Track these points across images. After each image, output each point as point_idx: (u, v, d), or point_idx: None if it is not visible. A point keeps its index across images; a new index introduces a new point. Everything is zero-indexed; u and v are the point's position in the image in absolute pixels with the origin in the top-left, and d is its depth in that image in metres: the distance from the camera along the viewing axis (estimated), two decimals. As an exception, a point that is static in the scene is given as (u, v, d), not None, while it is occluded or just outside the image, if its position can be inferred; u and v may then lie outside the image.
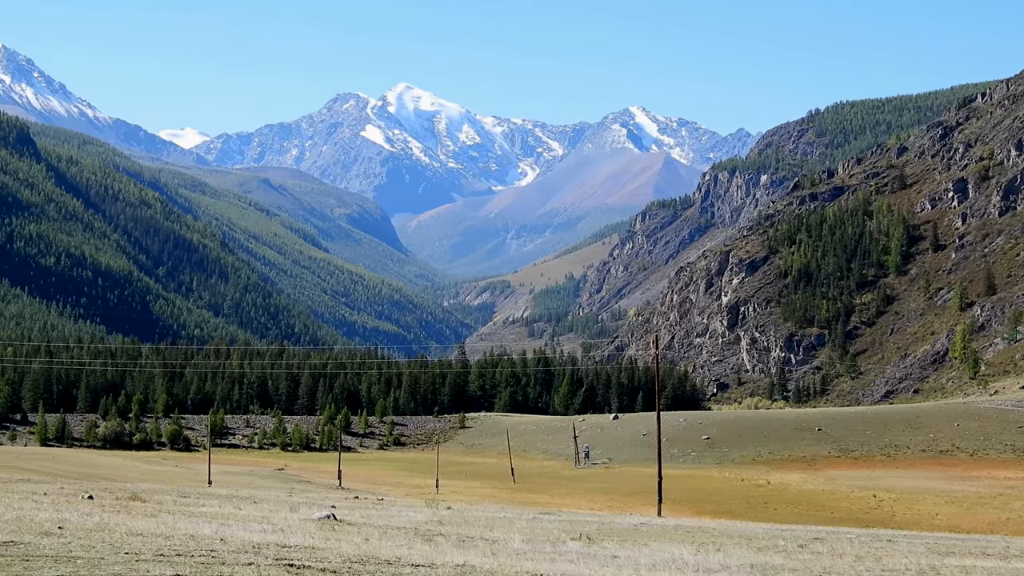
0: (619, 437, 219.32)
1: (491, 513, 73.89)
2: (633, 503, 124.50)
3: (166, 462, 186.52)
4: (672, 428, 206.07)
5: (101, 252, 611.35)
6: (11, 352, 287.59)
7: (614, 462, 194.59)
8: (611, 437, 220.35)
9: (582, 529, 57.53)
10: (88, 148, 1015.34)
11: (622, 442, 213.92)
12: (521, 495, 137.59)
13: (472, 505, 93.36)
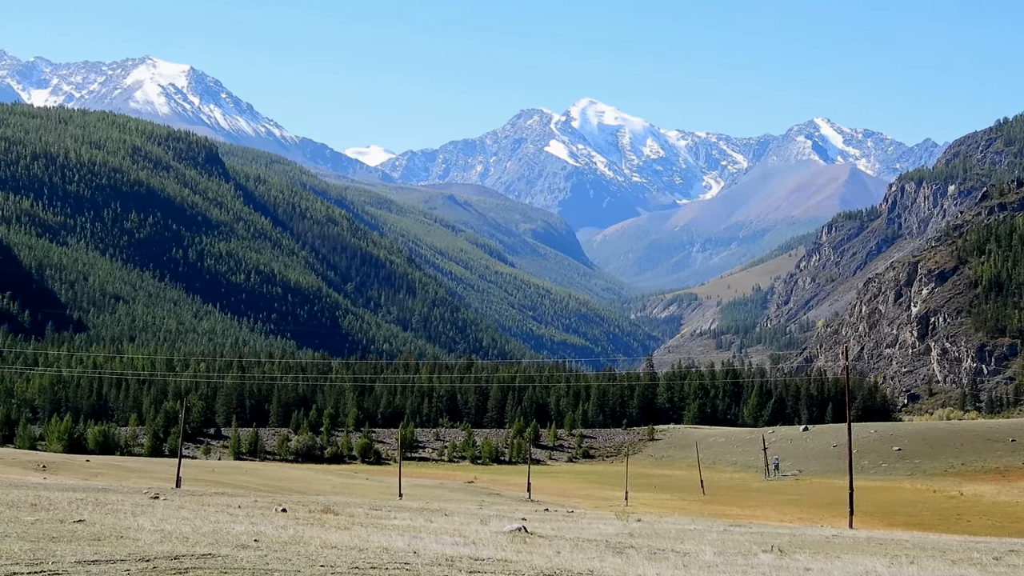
0: (809, 449, 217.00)
1: (681, 525, 73.35)
2: (824, 515, 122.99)
3: (357, 475, 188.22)
4: (862, 439, 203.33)
5: (290, 269, 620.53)
6: (204, 367, 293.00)
7: (804, 474, 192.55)
8: (801, 449, 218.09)
9: (773, 541, 56.81)
10: (275, 167, 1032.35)
11: (812, 454, 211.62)
12: (711, 507, 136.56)
13: (662, 517, 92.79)
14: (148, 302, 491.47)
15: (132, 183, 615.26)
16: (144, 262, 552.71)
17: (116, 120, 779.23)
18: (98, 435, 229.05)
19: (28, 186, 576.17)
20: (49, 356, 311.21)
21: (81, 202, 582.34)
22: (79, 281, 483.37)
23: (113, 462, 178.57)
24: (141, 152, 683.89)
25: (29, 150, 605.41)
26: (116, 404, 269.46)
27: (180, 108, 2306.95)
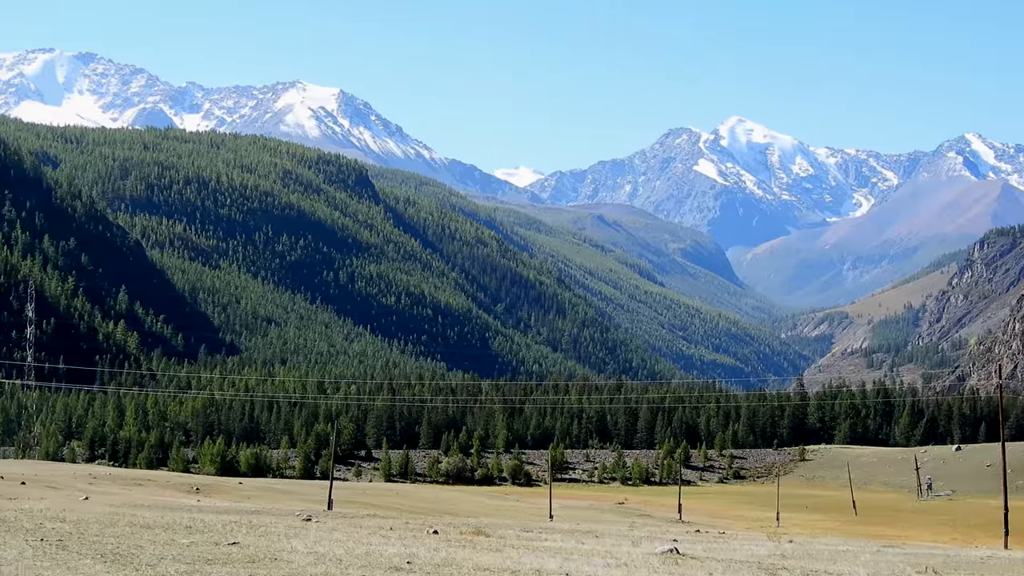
0: (962, 468, 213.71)
1: (834, 546, 72.34)
2: (978, 535, 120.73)
3: (507, 497, 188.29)
4: (1017, 459, 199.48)
5: (440, 290, 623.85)
6: (355, 390, 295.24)
7: (957, 494, 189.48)
8: (953, 468, 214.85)
9: (928, 562, 55.76)
10: (425, 189, 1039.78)
11: (965, 473, 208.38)
12: (863, 528, 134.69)
13: (814, 538, 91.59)
14: (299, 324, 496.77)
15: (283, 206, 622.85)
16: (295, 285, 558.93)
17: (267, 144, 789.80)
18: (250, 457, 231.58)
19: (181, 210, 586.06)
20: (202, 379, 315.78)
21: (233, 226, 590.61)
22: (231, 304, 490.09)
23: (265, 484, 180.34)
24: (292, 175, 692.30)
25: (182, 174, 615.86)
26: (268, 427, 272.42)
27: (330, 131, 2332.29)
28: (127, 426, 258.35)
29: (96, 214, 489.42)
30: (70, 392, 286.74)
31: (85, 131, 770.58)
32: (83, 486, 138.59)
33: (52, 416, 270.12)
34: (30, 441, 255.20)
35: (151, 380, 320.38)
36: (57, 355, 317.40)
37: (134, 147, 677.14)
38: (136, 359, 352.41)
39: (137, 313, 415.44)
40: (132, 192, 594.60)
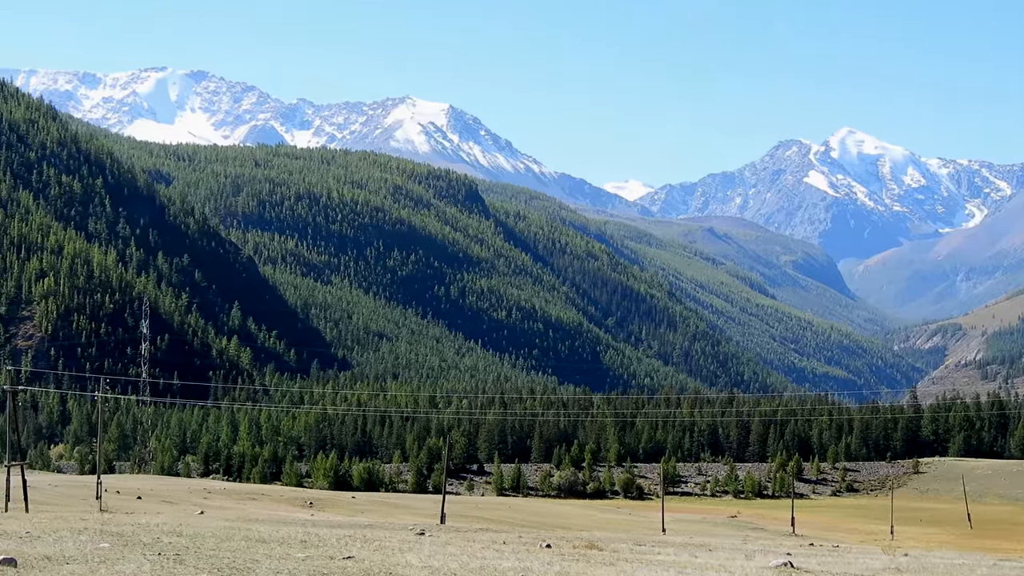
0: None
1: (949, 560, 71.58)
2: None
3: (619, 510, 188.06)
4: None
5: (550, 304, 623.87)
6: (467, 404, 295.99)
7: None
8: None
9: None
10: (534, 203, 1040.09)
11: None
12: (978, 541, 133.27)
13: (929, 552, 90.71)
14: (411, 339, 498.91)
15: (394, 221, 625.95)
16: (407, 300, 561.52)
17: (377, 160, 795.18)
18: (363, 472, 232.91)
19: (293, 226, 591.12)
20: (314, 394, 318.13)
21: (344, 241, 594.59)
22: (343, 319, 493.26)
23: (378, 498, 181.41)
24: (402, 191, 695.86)
25: (293, 191, 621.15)
26: (380, 441, 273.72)
27: (440, 146, 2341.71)
28: (241, 441, 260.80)
29: (209, 231, 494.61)
30: (184, 408, 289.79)
31: (197, 149, 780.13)
32: (198, 500, 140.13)
33: (167, 431, 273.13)
34: (146, 456, 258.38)
35: (264, 395, 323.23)
36: (171, 371, 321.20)
37: (246, 164, 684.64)
38: (249, 374, 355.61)
39: (250, 329, 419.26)
40: (244, 208, 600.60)
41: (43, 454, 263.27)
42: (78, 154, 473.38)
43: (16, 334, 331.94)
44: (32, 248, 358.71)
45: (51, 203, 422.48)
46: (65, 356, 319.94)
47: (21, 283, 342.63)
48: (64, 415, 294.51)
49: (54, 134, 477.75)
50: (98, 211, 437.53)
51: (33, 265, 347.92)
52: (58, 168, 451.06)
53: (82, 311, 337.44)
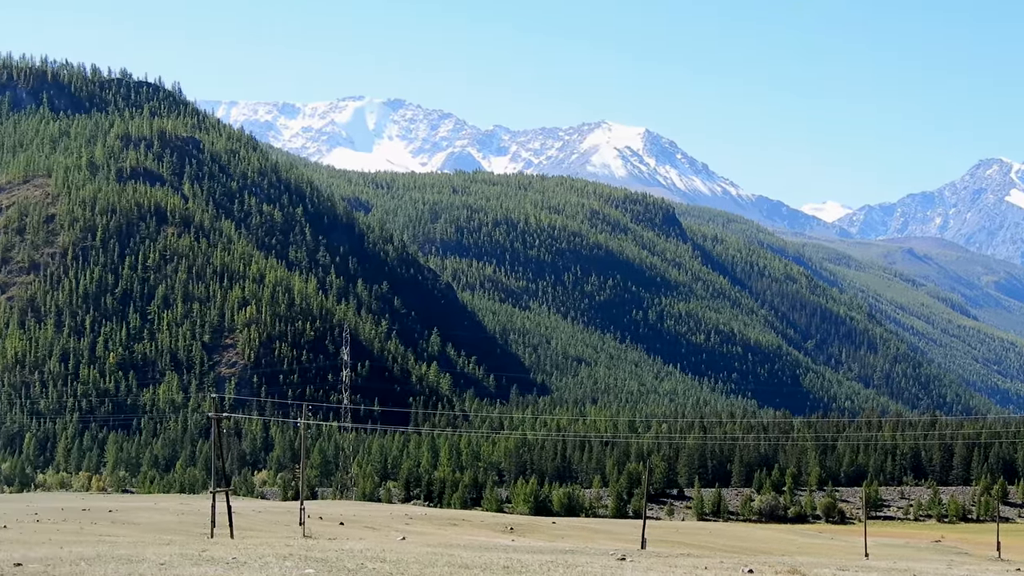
0: None
1: None
2: None
3: (821, 535, 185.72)
4: None
5: (749, 327, 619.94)
6: (666, 428, 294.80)
7: None
8: None
9: None
10: (732, 226, 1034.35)
11: None
12: None
13: None
14: (609, 364, 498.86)
15: (591, 246, 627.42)
16: (605, 324, 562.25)
17: (574, 184, 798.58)
18: (563, 497, 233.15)
19: (491, 252, 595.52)
20: (514, 419, 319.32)
21: (542, 266, 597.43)
22: (542, 345, 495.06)
23: (578, 523, 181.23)
24: (599, 215, 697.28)
25: (491, 217, 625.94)
26: (580, 466, 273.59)
27: (636, 171, 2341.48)
28: (441, 467, 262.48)
29: (407, 258, 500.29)
30: (385, 434, 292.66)
31: (395, 176, 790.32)
32: (400, 526, 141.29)
33: (368, 457, 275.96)
34: (347, 482, 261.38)
35: (464, 421, 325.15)
36: (372, 397, 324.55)
37: (443, 191, 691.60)
38: (449, 400, 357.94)
39: (449, 355, 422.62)
40: (442, 235, 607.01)
41: (247, 480, 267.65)
42: (278, 183, 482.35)
43: (220, 362, 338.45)
44: (234, 277, 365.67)
45: (253, 232, 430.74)
46: (268, 383, 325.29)
47: (224, 312, 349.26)
48: (267, 442, 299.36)
49: (255, 164, 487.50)
50: (298, 239, 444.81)
51: (235, 294, 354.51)
52: (259, 197, 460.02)
53: (284, 339, 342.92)
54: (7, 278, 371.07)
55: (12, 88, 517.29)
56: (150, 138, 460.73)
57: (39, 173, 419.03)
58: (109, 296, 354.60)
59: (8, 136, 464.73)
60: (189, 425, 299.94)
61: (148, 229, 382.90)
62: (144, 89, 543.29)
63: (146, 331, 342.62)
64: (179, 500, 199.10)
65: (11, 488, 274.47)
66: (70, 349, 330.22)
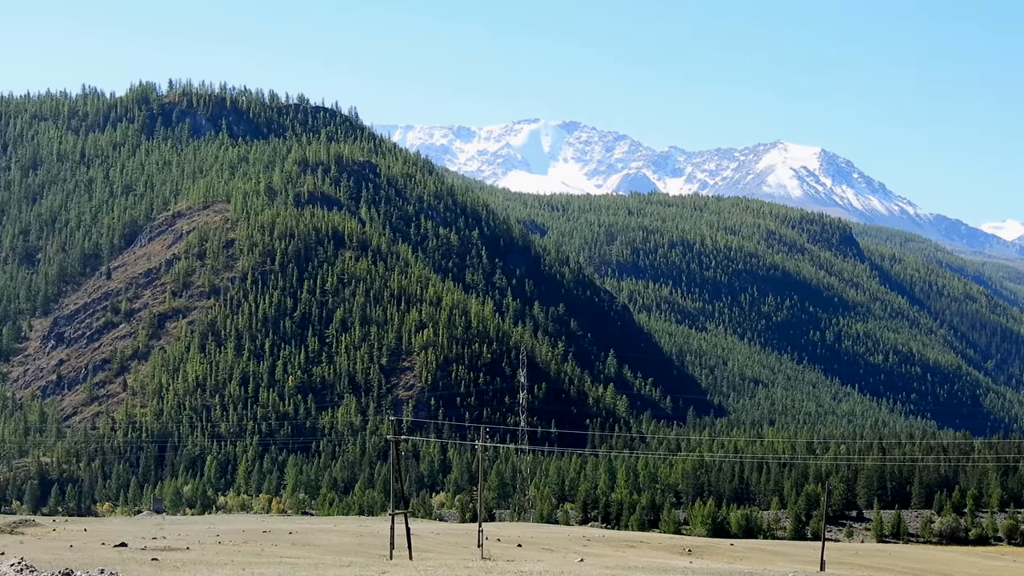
0: None
1: None
2: None
3: (1003, 557, 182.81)
4: None
5: (928, 348, 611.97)
6: (844, 449, 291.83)
7: None
8: None
9: None
10: (909, 245, 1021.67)
11: None
12: None
13: None
14: (786, 385, 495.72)
15: (767, 267, 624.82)
16: (781, 345, 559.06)
17: (750, 205, 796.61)
18: (740, 519, 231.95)
19: (666, 274, 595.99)
20: (691, 441, 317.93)
21: (718, 288, 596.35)
22: (718, 366, 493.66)
23: (756, 545, 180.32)
24: (775, 236, 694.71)
25: (666, 238, 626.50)
26: (757, 487, 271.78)
27: (812, 191, 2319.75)
28: (618, 488, 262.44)
29: (583, 279, 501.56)
30: (562, 455, 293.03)
31: (571, 198, 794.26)
32: (578, 548, 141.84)
33: (545, 479, 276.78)
34: (525, 504, 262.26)
35: (641, 443, 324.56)
36: (549, 419, 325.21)
37: (619, 212, 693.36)
38: (626, 422, 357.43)
39: (625, 376, 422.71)
40: (618, 257, 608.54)
41: (425, 502, 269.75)
42: (454, 206, 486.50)
43: (397, 384, 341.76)
44: (412, 300, 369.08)
45: (429, 255, 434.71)
46: (445, 405, 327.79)
47: (401, 335, 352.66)
48: (445, 464, 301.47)
49: (431, 188, 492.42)
50: (475, 262, 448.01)
51: (413, 317, 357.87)
52: (435, 221, 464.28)
53: (461, 361, 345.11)
54: (188, 303, 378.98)
55: (192, 115, 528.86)
56: (327, 163, 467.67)
57: (218, 199, 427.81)
58: (288, 320, 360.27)
59: (188, 162, 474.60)
60: (367, 447, 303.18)
61: (326, 253, 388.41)
62: (321, 114, 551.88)
63: (324, 354, 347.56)
64: (358, 522, 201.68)
65: (193, 510, 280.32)
66: (250, 372, 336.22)
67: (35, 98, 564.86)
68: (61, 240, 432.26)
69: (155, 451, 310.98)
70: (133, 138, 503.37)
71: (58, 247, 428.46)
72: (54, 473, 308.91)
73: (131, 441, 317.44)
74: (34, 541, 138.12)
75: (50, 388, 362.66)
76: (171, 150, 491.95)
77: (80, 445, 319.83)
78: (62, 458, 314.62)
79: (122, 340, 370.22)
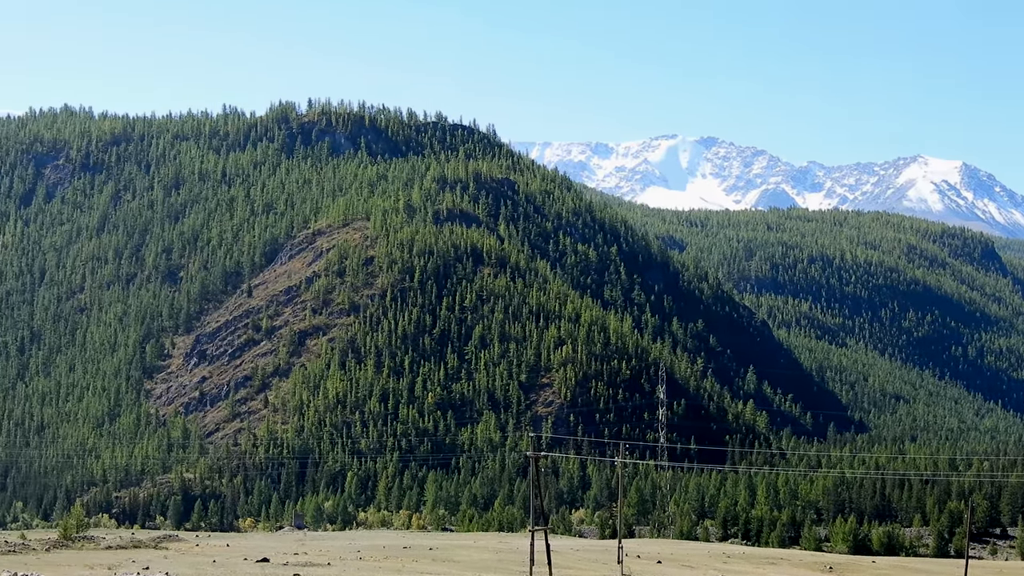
0: None
1: None
2: None
3: None
4: None
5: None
6: (987, 466, 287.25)
7: None
8: None
9: None
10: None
11: None
12: None
13: None
14: (928, 401, 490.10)
15: (908, 282, 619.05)
16: (923, 361, 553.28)
17: (890, 220, 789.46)
18: (882, 536, 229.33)
19: (806, 289, 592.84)
20: (831, 457, 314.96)
21: (858, 303, 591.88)
22: (859, 382, 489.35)
23: (898, 563, 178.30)
24: (916, 250, 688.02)
25: (805, 253, 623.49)
26: (899, 504, 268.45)
27: (953, 204, 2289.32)
28: (759, 505, 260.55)
29: (722, 295, 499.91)
30: (702, 472, 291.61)
31: (709, 214, 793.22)
32: (717, 565, 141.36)
33: (685, 496, 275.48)
34: (664, 520, 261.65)
35: (781, 459, 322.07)
36: (688, 436, 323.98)
37: (757, 228, 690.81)
38: (766, 438, 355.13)
39: (765, 393, 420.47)
40: (757, 272, 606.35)
41: (564, 519, 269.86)
42: (592, 223, 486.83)
43: (536, 401, 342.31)
44: (550, 316, 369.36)
45: (568, 272, 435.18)
46: (584, 422, 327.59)
47: (540, 351, 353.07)
48: (584, 480, 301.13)
49: (569, 204, 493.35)
50: (613, 278, 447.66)
51: (551, 333, 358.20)
52: (573, 237, 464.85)
53: (600, 378, 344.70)
54: (328, 320, 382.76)
55: (331, 134, 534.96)
56: (466, 180, 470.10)
57: (358, 216, 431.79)
58: (427, 336, 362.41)
59: (328, 181, 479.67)
60: (507, 464, 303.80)
61: (464, 270, 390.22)
62: (459, 132, 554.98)
63: (463, 371, 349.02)
64: (498, 538, 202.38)
65: (333, 526, 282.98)
66: (389, 389, 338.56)
67: (177, 118, 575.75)
68: (203, 258, 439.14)
69: (296, 467, 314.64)
70: (273, 157, 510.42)
71: (200, 265, 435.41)
72: (197, 489, 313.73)
73: (272, 457, 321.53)
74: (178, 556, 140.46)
75: (193, 405, 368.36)
76: (311, 168, 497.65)
77: (222, 461, 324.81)
78: (204, 474, 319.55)
79: (263, 357, 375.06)
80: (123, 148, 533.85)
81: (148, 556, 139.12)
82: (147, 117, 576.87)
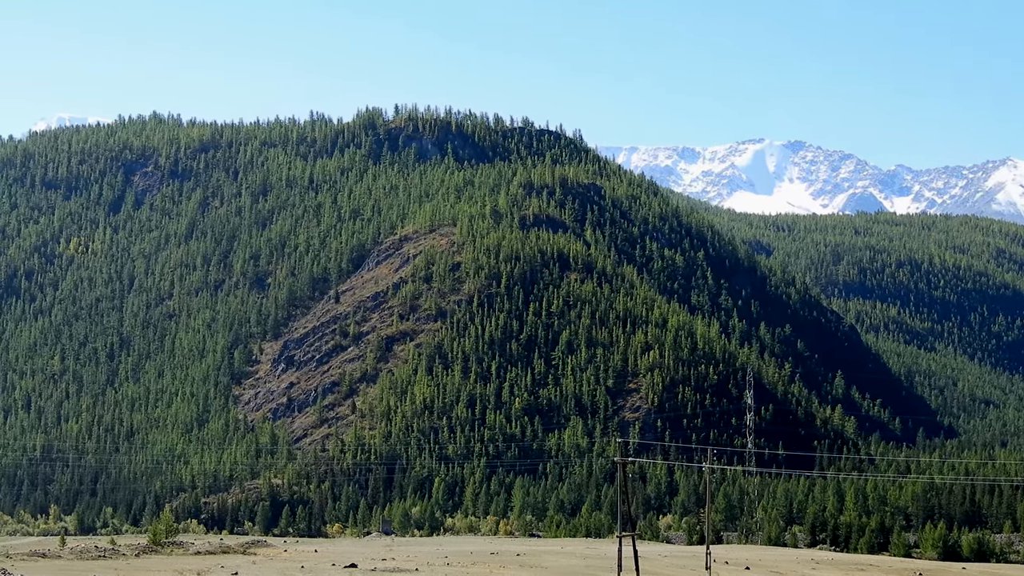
0: None
1: None
2: None
3: None
4: None
5: None
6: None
7: None
8: None
9: None
10: None
11: None
12: None
13: None
14: (1019, 406, 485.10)
15: (997, 286, 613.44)
16: (1012, 365, 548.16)
17: (979, 223, 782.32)
18: (972, 542, 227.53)
19: (894, 293, 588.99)
20: (921, 463, 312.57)
21: (947, 307, 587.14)
22: (948, 387, 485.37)
23: (989, 570, 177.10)
24: (1005, 254, 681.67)
25: (893, 257, 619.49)
26: (989, 510, 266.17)
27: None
28: (847, 511, 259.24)
29: (810, 300, 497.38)
30: (790, 478, 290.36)
31: (796, 218, 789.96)
32: (806, 571, 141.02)
33: (773, 501, 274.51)
34: (752, 526, 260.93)
35: (870, 465, 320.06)
36: (776, 441, 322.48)
37: (845, 232, 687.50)
38: (854, 444, 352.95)
39: (853, 398, 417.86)
40: (844, 277, 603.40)
41: (652, 524, 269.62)
42: (679, 228, 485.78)
43: (623, 406, 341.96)
44: (637, 322, 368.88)
45: (654, 277, 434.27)
46: (671, 427, 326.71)
47: (627, 356, 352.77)
48: (671, 486, 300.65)
49: (655, 209, 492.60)
50: (700, 283, 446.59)
51: (639, 338, 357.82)
52: (660, 242, 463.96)
53: (687, 383, 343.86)
54: (415, 325, 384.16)
55: (418, 139, 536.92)
56: (552, 186, 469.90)
57: (444, 222, 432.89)
58: (514, 342, 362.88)
59: (415, 186, 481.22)
60: (594, 469, 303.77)
61: (551, 275, 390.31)
62: (546, 137, 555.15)
63: (550, 376, 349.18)
64: (585, 544, 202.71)
65: (421, 532, 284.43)
66: (477, 395, 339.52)
67: (264, 125, 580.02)
68: (290, 265, 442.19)
69: (384, 473, 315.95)
70: (360, 163, 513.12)
71: (287, 271, 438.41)
72: (285, 495, 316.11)
73: (360, 463, 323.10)
74: (266, 561, 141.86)
75: (280, 411, 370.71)
76: (397, 175, 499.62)
77: (310, 467, 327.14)
78: (292, 480, 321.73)
79: (351, 363, 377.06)
80: (211, 155, 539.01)
81: (237, 561, 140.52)
82: (235, 124, 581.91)
